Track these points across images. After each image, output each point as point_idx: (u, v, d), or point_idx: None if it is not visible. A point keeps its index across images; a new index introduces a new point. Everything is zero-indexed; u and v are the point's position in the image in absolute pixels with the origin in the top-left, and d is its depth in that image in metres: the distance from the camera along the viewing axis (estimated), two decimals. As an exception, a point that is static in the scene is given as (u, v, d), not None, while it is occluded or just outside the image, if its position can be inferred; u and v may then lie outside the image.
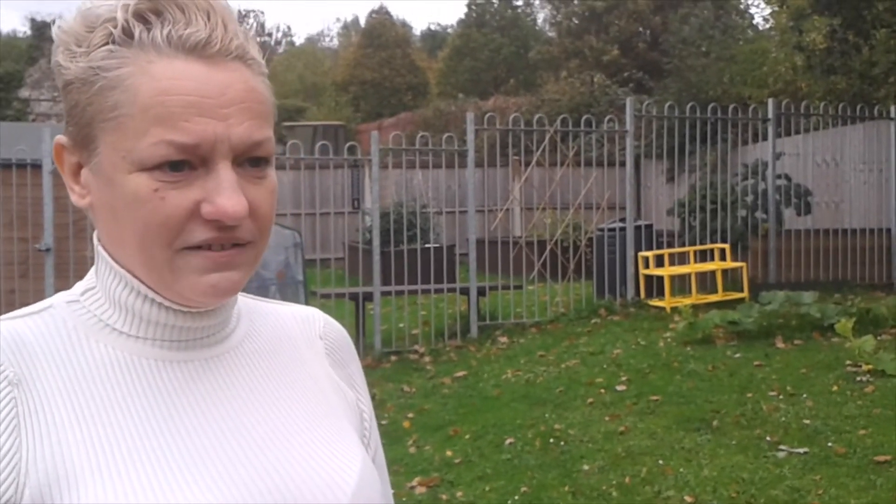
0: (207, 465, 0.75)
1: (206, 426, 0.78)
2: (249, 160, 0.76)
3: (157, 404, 0.77)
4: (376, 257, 8.15)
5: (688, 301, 8.13)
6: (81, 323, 0.79)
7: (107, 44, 0.74)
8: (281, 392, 0.85)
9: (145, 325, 0.79)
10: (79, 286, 0.83)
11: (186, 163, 0.73)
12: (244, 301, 0.90)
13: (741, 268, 8.69)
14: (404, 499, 4.37)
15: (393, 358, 7.74)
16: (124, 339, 0.79)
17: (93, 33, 0.74)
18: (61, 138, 0.80)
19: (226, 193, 0.73)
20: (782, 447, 4.57)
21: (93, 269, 0.83)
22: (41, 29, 27.94)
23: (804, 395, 5.40)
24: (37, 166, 7.73)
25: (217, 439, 0.77)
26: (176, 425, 0.76)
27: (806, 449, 4.52)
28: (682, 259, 9.01)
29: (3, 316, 0.80)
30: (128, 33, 0.73)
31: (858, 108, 9.82)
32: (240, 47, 0.76)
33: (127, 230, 0.75)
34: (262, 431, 0.80)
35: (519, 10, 34.82)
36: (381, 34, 33.06)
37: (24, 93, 25.28)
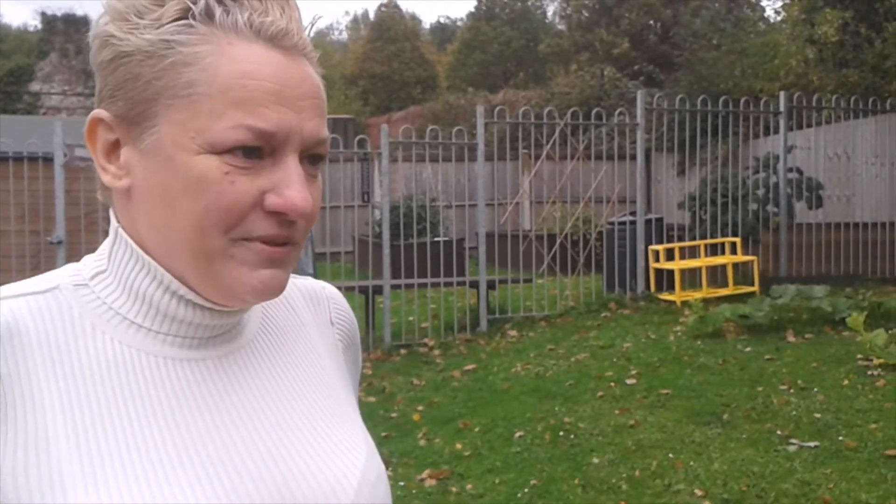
0: (212, 478, 0.70)
1: (214, 433, 0.73)
2: (309, 157, 0.74)
3: (163, 409, 0.72)
4: (386, 251, 8.16)
5: (698, 295, 8.11)
6: (88, 311, 0.74)
7: (182, 18, 0.71)
8: (293, 390, 0.81)
9: (160, 319, 0.75)
10: (87, 266, 0.78)
11: (258, 151, 0.70)
12: None
13: (752, 261, 8.66)
14: (414, 491, 4.38)
15: (402, 351, 7.75)
16: (134, 331, 0.74)
17: (163, 7, 0.71)
18: (101, 113, 0.74)
19: (295, 186, 0.71)
20: (793, 441, 4.56)
21: (101, 250, 0.78)
22: (51, 23, 28.00)
23: (815, 389, 5.39)
24: (48, 159, 7.76)
25: (225, 449, 0.73)
26: (181, 434, 0.72)
27: (817, 443, 4.51)
28: (692, 253, 8.99)
29: (5, 288, 0.74)
30: (208, 12, 0.71)
31: (870, 101, 9.77)
32: (309, 45, 0.76)
33: (180, 214, 0.71)
34: (274, 439, 0.76)
35: (528, 3, 34.76)
36: (390, 27, 33.07)
37: (35, 86, 25.36)
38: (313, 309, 0.91)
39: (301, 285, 0.92)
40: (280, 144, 0.71)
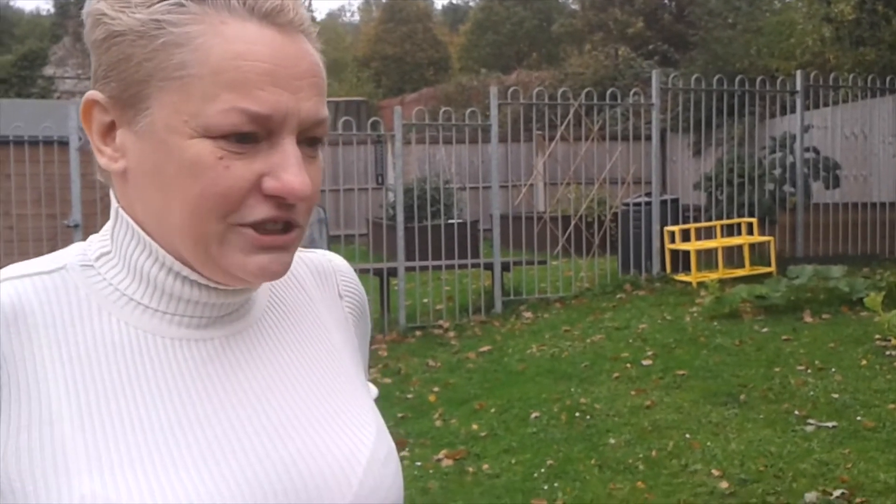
0: (219, 459, 0.70)
1: (222, 413, 0.72)
2: (307, 139, 0.72)
3: (169, 390, 0.71)
4: (400, 233, 8.16)
5: (714, 276, 8.07)
6: (95, 292, 0.73)
7: None
8: (301, 368, 0.80)
9: (167, 300, 0.74)
10: (92, 247, 0.77)
11: (253, 134, 0.69)
12: None
13: (768, 242, 8.61)
14: (431, 471, 4.40)
15: (418, 333, 7.77)
16: (140, 312, 0.74)
17: None
18: (96, 94, 0.72)
19: (292, 170, 0.69)
20: (810, 421, 4.55)
21: (105, 231, 0.77)
22: (64, 7, 28.05)
23: (833, 370, 5.37)
24: (63, 143, 7.79)
25: (233, 429, 0.72)
26: (187, 414, 0.71)
27: (834, 423, 4.50)
28: (708, 233, 8.94)
29: (12, 268, 0.74)
30: None
31: (888, 79, 9.66)
32: (306, 20, 0.73)
33: (176, 198, 0.69)
34: (281, 417, 0.75)
35: (542, -17, 34.50)
36: (402, 9, 32.92)
37: (49, 70, 25.43)
38: (321, 283, 0.89)
39: (308, 260, 0.90)
40: (276, 127, 0.69)
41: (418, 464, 4.49)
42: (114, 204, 0.76)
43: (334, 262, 0.92)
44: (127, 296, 0.74)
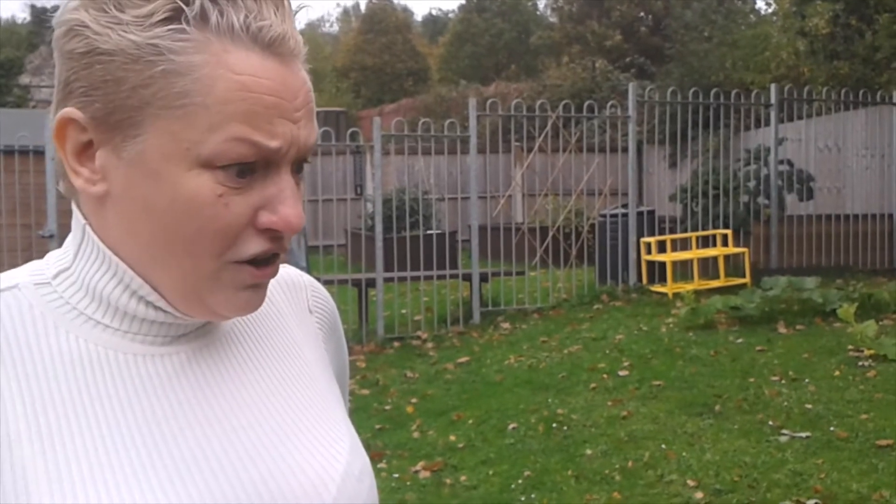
0: (185, 480, 0.67)
1: (188, 432, 0.69)
2: (296, 164, 0.71)
3: (132, 407, 0.68)
4: (379, 244, 8.16)
5: (690, 287, 8.14)
6: (51, 310, 0.70)
7: (173, 20, 0.65)
8: (272, 383, 0.77)
9: (129, 320, 0.71)
10: (51, 264, 0.73)
11: (251, 166, 0.67)
12: None
13: (743, 253, 8.70)
14: (409, 483, 4.39)
15: (396, 344, 7.76)
16: (100, 330, 0.70)
17: (151, 3, 0.65)
18: (74, 113, 0.68)
19: (289, 202, 0.68)
20: (784, 431, 4.59)
21: (66, 247, 0.74)
22: (41, 15, 27.89)
23: (806, 380, 5.42)
24: (39, 153, 7.74)
25: (200, 448, 0.69)
26: (152, 432, 0.68)
27: (808, 433, 4.54)
28: (684, 245, 9.02)
29: None
30: (203, 16, 0.65)
31: (861, 93, 9.81)
32: (302, 45, 0.71)
33: (167, 233, 0.67)
34: (251, 435, 0.73)
35: (520, -5, 34.74)
36: (381, 20, 33.03)
37: (25, 79, 25.25)
38: (291, 297, 0.86)
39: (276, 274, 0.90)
40: (279, 158, 0.67)
41: (395, 475, 4.49)
42: (80, 220, 0.72)
43: (304, 277, 0.90)
44: (86, 315, 0.71)
